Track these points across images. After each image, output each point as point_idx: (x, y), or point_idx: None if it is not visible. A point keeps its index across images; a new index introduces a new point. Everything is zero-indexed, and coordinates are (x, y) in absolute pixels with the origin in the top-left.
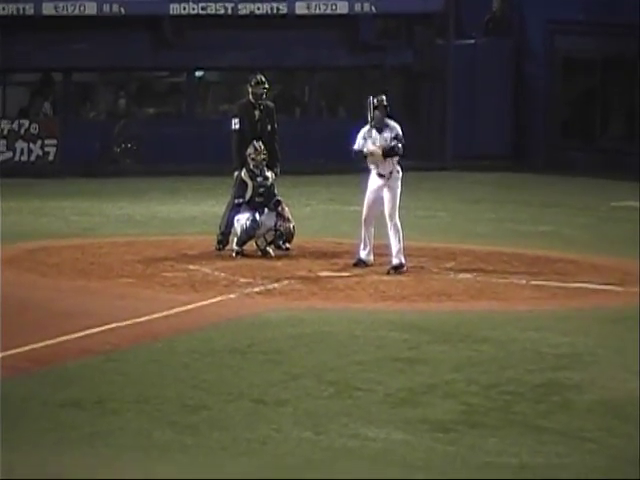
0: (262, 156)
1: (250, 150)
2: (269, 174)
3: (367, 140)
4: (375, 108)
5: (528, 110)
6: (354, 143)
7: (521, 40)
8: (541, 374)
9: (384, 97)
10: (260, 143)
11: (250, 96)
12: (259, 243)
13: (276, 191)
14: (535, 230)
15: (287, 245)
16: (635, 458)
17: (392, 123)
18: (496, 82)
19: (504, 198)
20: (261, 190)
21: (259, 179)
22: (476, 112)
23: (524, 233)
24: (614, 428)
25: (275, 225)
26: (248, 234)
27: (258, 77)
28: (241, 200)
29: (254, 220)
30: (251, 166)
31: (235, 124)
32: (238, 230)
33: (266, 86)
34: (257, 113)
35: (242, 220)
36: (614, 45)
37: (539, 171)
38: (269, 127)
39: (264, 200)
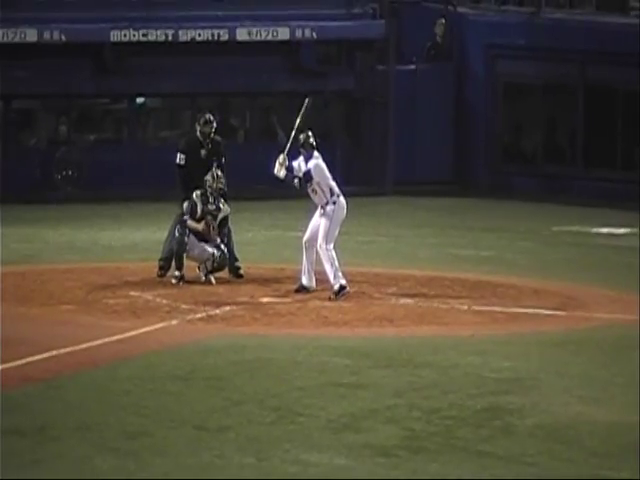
0: (219, 185)
1: (208, 178)
2: (223, 207)
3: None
4: (301, 146)
5: (469, 135)
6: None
7: (462, 65)
8: (483, 399)
9: (309, 133)
10: (219, 171)
11: (198, 134)
12: (201, 269)
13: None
14: (476, 255)
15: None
16: None
17: (313, 160)
18: (437, 107)
19: (445, 223)
20: (208, 217)
21: (210, 206)
22: (417, 137)
23: (465, 258)
24: (556, 452)
25: (213, 255)
26: (176, 252)
27: (207, 116)
28: (186, 218)
29: (182, 242)
30: (207, 192)
31: (180, 159)
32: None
33: (214, 125)
34: (203, 152)
35: (174, 241)
36: (555, 70)
37: (480, 196)
38: (215, 164)
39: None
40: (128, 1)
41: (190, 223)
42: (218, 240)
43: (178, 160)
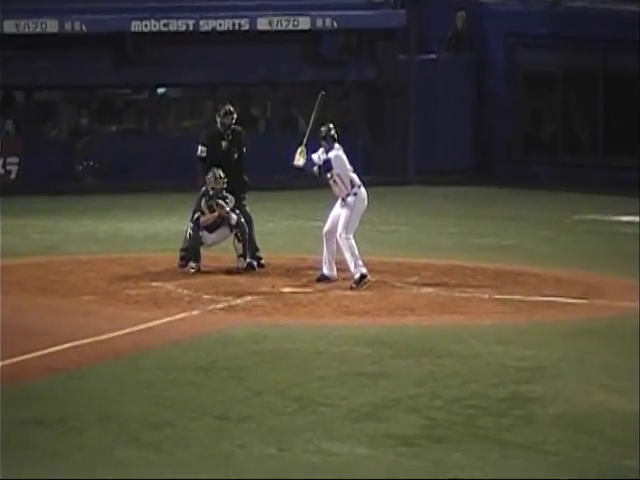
0: (222, 185)
1: (210, 177)
2: (228, 200)
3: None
4: (322, 138)
5: (490, 124)
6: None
7: (482, 54)
8: (504, 388)
9: (330, 125)
10: (220, 171)
11: (218, 125)
12: (239, 262)
13: (247, 211)
14: (498, 244)
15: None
16: (598, 471)
17: (333, 152)
18: (458, 96)
19: (467, 212)
20: (218, 221)
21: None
22: (438, 126)
23: (487, 247)
24: (577, 441)
25: (233, 232)
26: (191, 246)
27: (227, 107)
28: (198, 215)
29: (197, 238)
30: (210, 194)
31: (202, 152)
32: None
33: (235, 116)
34: (224, 144)
35: (189, 238)
36: (575, 58)
37: (502, 185)
38: (236, 155)
39: (217, 226)
40: None
41: (203, 219)
42: (233, 218)
43: (199, 152)
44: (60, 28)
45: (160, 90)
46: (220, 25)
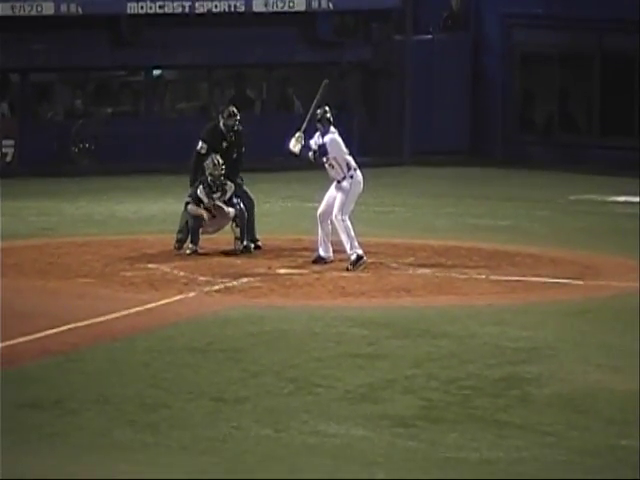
0: (220, 171)
1: (209, 163)
2: (227, 187)
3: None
4: (318, 121)
5: (486, 105)
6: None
7: (478, 35)
8: (500, 368)
9: (326, 108)
10: (218, 157)
11: (222, 126)
12: (236, 244)
13: (247, 193)
14: (494, 224)
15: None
16: (594, 450)
17: (329, 135)
18: (454, 77)
19: (462, 192)
20: (211, 205)
21: (215, 195)
22: (434, 107)
23: (483, 227)
24: (573, 421)
25: (231, 218)
26: (192, 228)
27: (231, 109)
28: (189, 199)
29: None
30: (209, 180)
31: (202, 148)
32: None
33: (238, 118)
34: (225, 144)
35: (189, 216)
36: (572, 39)
37: (497, 165)
38: (235, 155)
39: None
40: None
41: (191, 208)
42: (230, 211)
43: (199, 148)
44: (56, 10)
45: (156, 72)
46: (216, 7)
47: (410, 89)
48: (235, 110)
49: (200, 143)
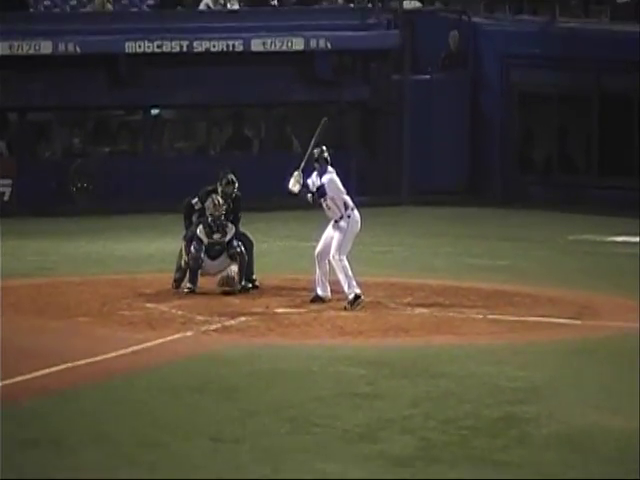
0: (221, 212)
1: (209, 204)
2: (228, 229)
3: (310, 179)
4: (315, 160)
5: (484, 144)
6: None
7: (477, 74)
8: (499, 408)
9: (323, 148)
10: (219, 197)
11: (220, 193)
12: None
13: (247, 235)
14: (492, 264)
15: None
16: None
17: (327, 175)
18: (452, 117)
19: (461, 232)
20: (216, 247)
21: (215, 236)
22: (432, 147)
23: (481, 267)
24: (571, 461)
25: (231, 270)
26: (192, 269)
27: (229, 177)
28: (196, 233)
29: (197, 258)
30: (209, 221)
31: (196, 204)
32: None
33: (236, 186)
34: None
35: (189, 257)
36: (570, 79)
37: (496, 205)
38: (231, 217)
39: (218, 253)
40: (142, 12)
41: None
42: (233, 270)
43: (193, 202)
44: (54, 49)
45: (154, 111)
46: (214, 46)
47: (408, 128)
48: (233, 178)
49: (196, 199)
